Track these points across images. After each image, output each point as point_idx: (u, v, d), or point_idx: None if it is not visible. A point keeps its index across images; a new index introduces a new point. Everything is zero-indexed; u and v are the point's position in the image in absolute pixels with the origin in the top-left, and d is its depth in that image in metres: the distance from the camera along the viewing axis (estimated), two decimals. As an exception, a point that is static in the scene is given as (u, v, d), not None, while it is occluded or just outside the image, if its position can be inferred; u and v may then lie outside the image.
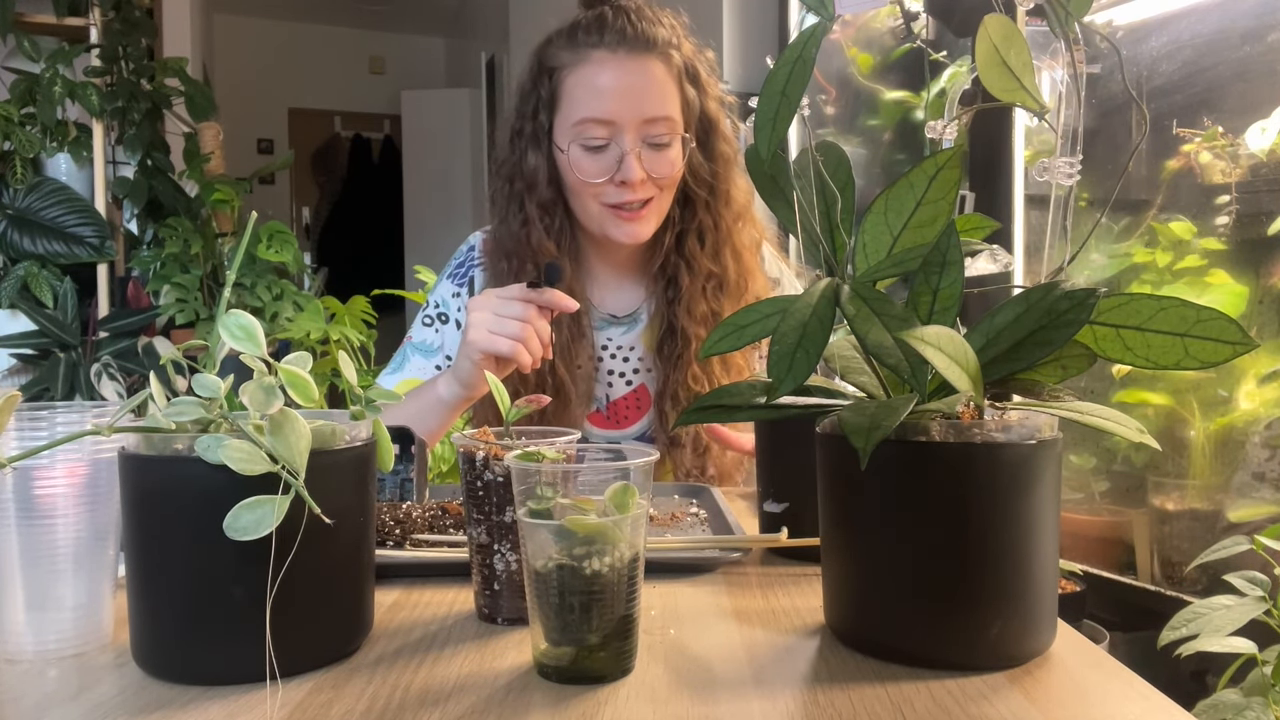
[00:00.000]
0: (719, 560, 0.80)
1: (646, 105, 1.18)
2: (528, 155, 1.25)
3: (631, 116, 1.17)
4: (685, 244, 1.28)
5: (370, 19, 6.78)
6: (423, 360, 1.31)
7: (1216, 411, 1.52)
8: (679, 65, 1.22)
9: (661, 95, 1.19)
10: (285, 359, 0.58)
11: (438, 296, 1.34)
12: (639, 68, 1.18)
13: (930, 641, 0.58)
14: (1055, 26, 0.60)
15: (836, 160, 0.65)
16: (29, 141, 2.78)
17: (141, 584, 0.57)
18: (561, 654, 0.57)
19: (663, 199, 1.24)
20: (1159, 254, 1.60)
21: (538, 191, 1.25)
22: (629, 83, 1.18)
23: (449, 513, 0.88)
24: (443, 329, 1.32)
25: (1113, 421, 0.58)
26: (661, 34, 1.20)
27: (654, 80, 1.19)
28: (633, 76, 1.18)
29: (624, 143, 1.18)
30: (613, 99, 1.18)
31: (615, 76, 1.18)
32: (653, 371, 1.31)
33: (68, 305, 2.78)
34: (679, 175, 1.24)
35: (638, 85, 1.18)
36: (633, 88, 1.18)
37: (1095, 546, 1.70)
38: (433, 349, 1.31)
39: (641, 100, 1.18)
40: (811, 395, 0.66)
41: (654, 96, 1.19)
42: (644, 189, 1.20)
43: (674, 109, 1.20)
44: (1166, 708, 0.53)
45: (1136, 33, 1.65)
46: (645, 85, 1.18)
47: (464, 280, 1.33)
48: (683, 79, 1.22)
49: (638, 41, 1.19)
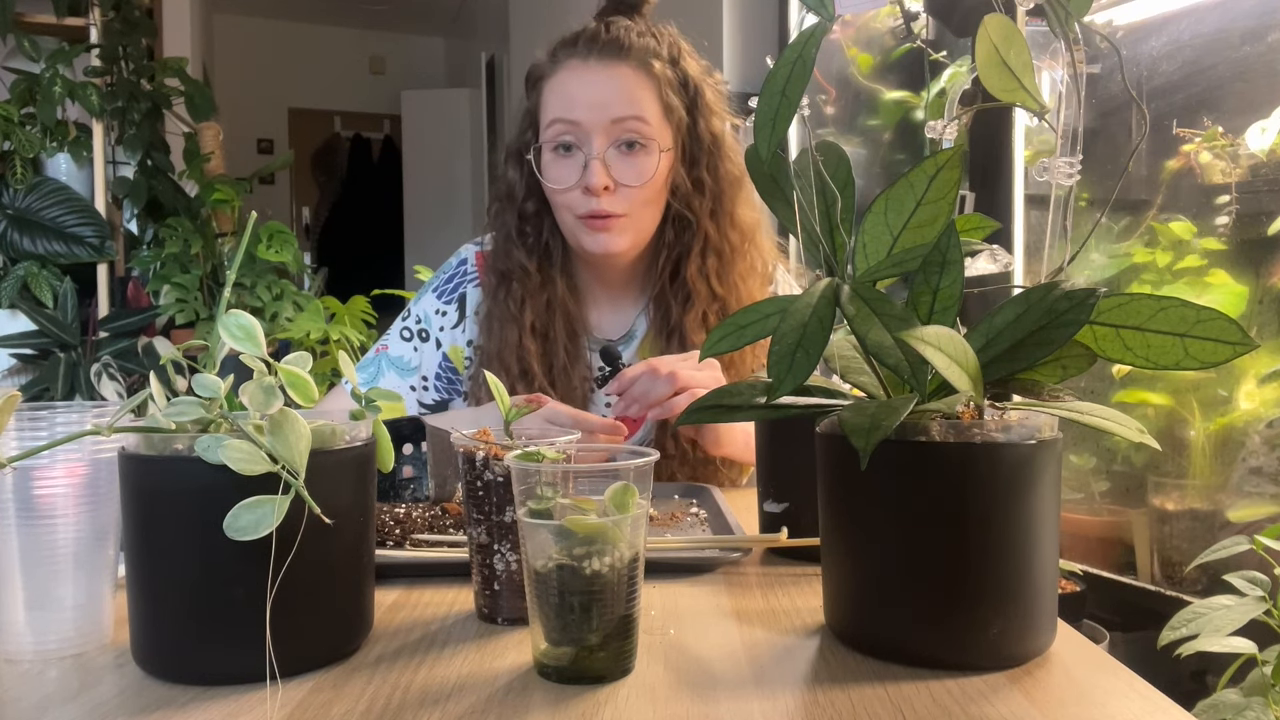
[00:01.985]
0: (719, 560, 0.80)
1: (613, 106, 1.17)
2: (510, 170, 1.26)
3: (598, 118, 1.16)
4: (684, 269, 1.25)
5: (370, 19, 6.78)
6: (398, 378, 1.28)
7: (1216, 411, 1.52)
8: (661, 75, 1.19)
9: (631, 98, 1.17)
10: (285, 359, 0.58)
11: (420, 310, 1.31)
12: (608, 72, 1.18)
13: (930, 641, 0.58)
14: (1055, 26, 0.60)
15: (836, 160, 0.65)
16: (29, 141, 2.78)
17: (141, 584, 0.57)
18: (561, 654, 0.57)
19: (639, 215, 1.20)
20: (1159, 254, 1.60)
21: (519, 207, 1.26)
22: (596, 84, 1.17)
23: (449, 513, 0.88)
24: (422, 347, 1.29)
25: (1113, 421, 0.58)
26: (642, 43, 1.19)
27: (623, 83, 1.18)
28: (600, 77, 1.18)
29: (591, 148, 1.16)
30: (580, 101, 1.17)
31: (583, 81, 1.18)
32: None
33: (68, 305, 2.78)
34: (655, 188, 1.20)
35: (605, 87, 1.17)
36: (599, 89, 1.17)
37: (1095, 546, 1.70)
38: (409, 368, 1.28)
39: (609, 102, 1.17)
40: (811, 395, 0.66)
41: (622, 98, 1.17)
42: (611, 200, 1.17)
43: (647, 112, 1.18)
44: (1166, 708, 0.53)
45: (1136, 33, 1.65)
46: (614, 88, 1.17)
47: (452, 297, 1.30)
48: (665, 88, 1.19)
49: (609, 48, 1.18)
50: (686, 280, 1.25)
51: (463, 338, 1.30)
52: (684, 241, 1.26)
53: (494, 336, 1.25)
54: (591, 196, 1.17)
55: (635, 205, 1.19)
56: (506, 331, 1.23)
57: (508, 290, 1.25)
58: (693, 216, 1.24)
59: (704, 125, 1.23)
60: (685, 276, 1.25)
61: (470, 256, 1.33)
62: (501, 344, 1.23)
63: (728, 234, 1.26)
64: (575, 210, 1.19)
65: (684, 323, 1.24)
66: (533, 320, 1.23)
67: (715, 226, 1.25)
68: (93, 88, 2.84)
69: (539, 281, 1.25)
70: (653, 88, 1.19)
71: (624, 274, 1.29)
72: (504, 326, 1.24)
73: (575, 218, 1.20)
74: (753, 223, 1.28)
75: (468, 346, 1.29)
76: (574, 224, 1.21)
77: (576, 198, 1.18)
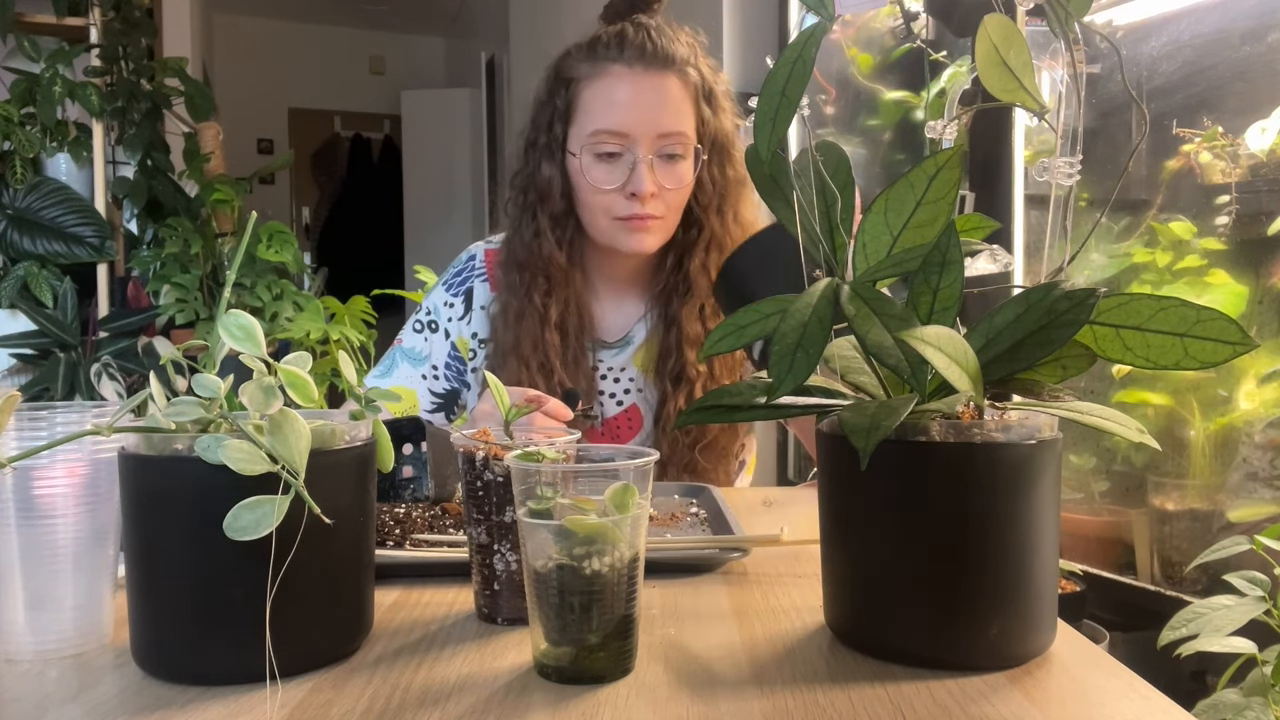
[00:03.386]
0: (719, 560, 0.80)
1: (662, 120, 1.19)
2: (542, 166, 1.26)
3: (646, 130, 1.18)
4: (687, 263, 1.28)
5: (370, 19, 6.78)
6: (410, 368, 1.31)
7: (1216, 411, 1.52)
8: (695, 83, 1.22)
9: (677, 111, 1.20)
10: (285, 359, 0.58)
11: (431, 303, 1.34)
12: (656, 83, 1.19)
13: (930, 641, 0.58)
14: (1055, 26, 0.60)
15: (836, 160, 0.65)
16: (29, 141, 2.78)
17: (141, 584, 0.57)
18: (561, 654, 0.57)
19: (672, 217, 1.24)
20: (1159, 254, 1.60)
21: (551, 203, 1.25)
22: (645, 98, 1.19)
23: (449, 513, 0.88)
24: (431, 338, 1.32)
25: (1113, 421, 0.58)
26: (680, 52, 1.21)
27: (670, 96, 1.20)
28: (649, 92, 1.19)
29: (637, 154, 1.18)
30: (628, 112, 1.19)
31: (632, 91, 1.19)
32: (644, 392, 1.31)
33: (68, 305, 2.78)
34: (688, 191, 1.24)
35: (654, 100, 1.19)
36: (649, 103, 1.19)
37: (1095, 546, 1.70)
38: (421, 357, 1.31)
39: (657, 115, 1.19)
40: (811, 395, 0.66)
41: (669, 112, 1.19)
42: (653, 204, 1.20)
43: (688, 125, 1.21)
44: (1166, 707, 0.53)
45: (1136, 33, 1.65)
46: (661, 101, 1.19)
47: (460, 291, 1.33)
48: (699, 97, 1.23)
49: (656, 58, 1.19)
50: (689, 274, 1.28)
51: (468, 330, 1.32)
52: (689, 237, 1.28)
53: (511, 329, 1.26)
54: (635, 201, 1.19)
55: (671, 208, 1.23)
56: (529, 323, 1.25)
57: (533, 283, 1.26)
58: (700, 210, 1.27)
59: (716, 125, 1.26)
60: (688, 270, 1.28)
61: (479, 254, 1.35)
62: (520, 336, 1.25)
63: (730, 229, 1.28)
64: (615, 212, 1.21)
65: (681, 313, 1.27)
66: (558, 315, 1.25)
67: (720, 222, 1.28)
68: (93, 88, 2.84)
69: (565, 277, 1.27)
70: (691, 99, 1.22)
71: (633, 272, 1.31)
72: (526, 319, 1.25)
73: (613, 219, 1.22)
74: (754, 220, 1.30)
75: (473, 339, 1.32)
76: (611, 225, 1.22)
77: (617, 200, 1.20)
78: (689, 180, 1.22)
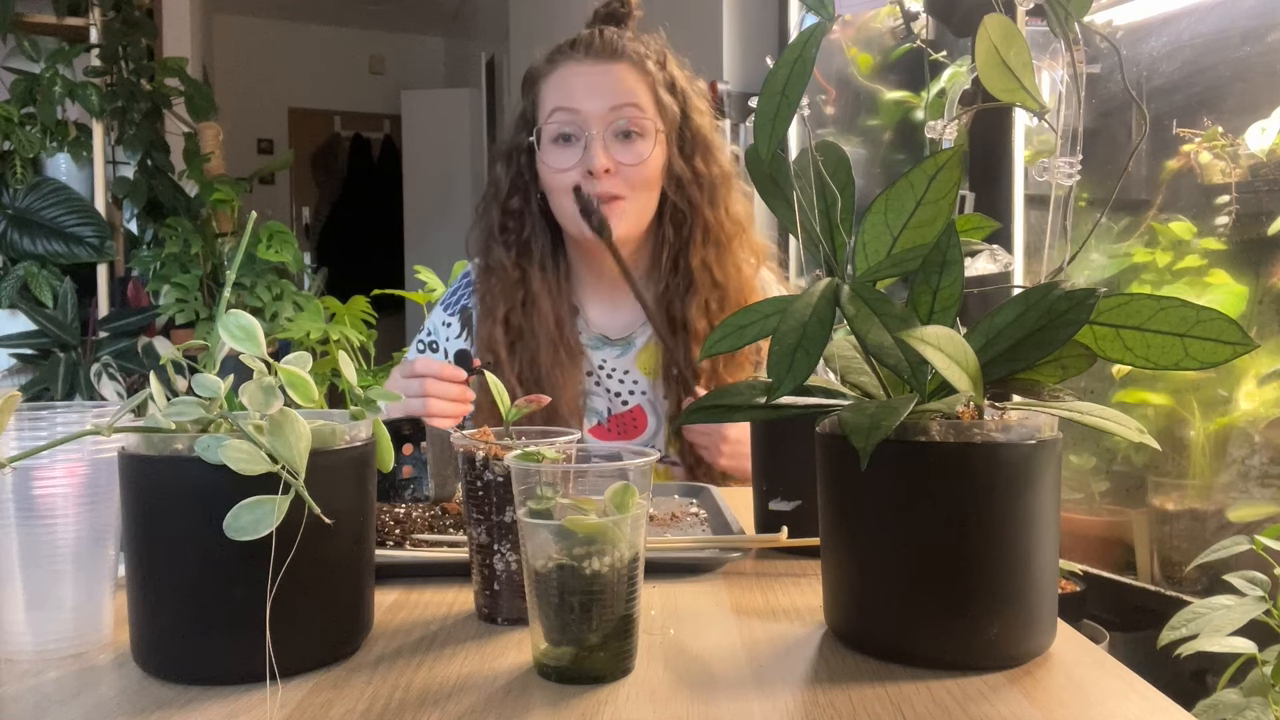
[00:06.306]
0: (719, 560, 0.80)
1: (611, 96, 1.23)
2: (498, 168, 1.33)
3: (596, 106, 1.23)
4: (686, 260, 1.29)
5: (370, 19, 6.78)
6: None
7: (1216, 411, 1.52)
8: (653, 74, 1.26)
9: (627, 89, 1.24)
10: (285, 359, 0.58)
11: (430, 324, 1.39)
12: (606, 69, 1.25)
13: (930, 641, 0.58)
14: (1055, 26, 0.60)
15: (836, 160, 0.65)
16: (29, 141, 2.78)
17: (141, 584, 0.57)
18: (561, 654, 0.57)
19: (638, 199, 1.25)
20: (1159, 254, 1.60)
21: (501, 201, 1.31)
22: (597, 80, 1.24)
23: (449, 513, 0.88)
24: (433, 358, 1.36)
25: (1113, 421, 0.58)
26: (635, 48, 1.26)
27: (621, 78, 1.25)
28: (600, 75, 1.24)
29: (590, 132, 1.22)
30: (579, 92, 1.24)
31: (583, 75, 1.25)
32: (648, 394, 1.32)
33: (68, 305, 2.78)
34: (652, 172, 1.25)
35: (605, 82, 1.24)
36: (600, 84, 1.24)
37: (1095, 546, 1.70)
38: None
39: (606, 93, 1.23)
40: (812, 395, 0.66)
41: (619, 89, 1.24)
42: (611, 181, 1.22)
43: (642, 101, 1.25)
44: (1166, 707, 0.53)
45: (1136, 33, 1.65)
46: (612, 82, 1.24)
47: (455, 310, 1.38)
48: (656, 85, 1.26)
49: (605, 50, 1.26)
50: (690, 270, 1.29)
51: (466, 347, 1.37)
52: (683, 235, 1.30)
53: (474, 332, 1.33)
54: (592, 179, 1.22)
55: (634, 188, 1.25)
56: (481, 325, 1.31)
57: (487, 285, 1.31)
58: (691, 206, 1.29)
59: (695, 123, 1.30)
60: (689, 266, 1.29)
61: (472, 270, 1.39)
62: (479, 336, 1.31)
63: (724, 223, 1.30)
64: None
65: (688, 312, 1.28)
66: (505, 313, 1.29)
67: (714, 214, 1.30)
68: (93, 88, 2.84)
69: (516, 277, 1.30)
70: (646, 83, 1.26)
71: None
72: (483, 321, 1.31)
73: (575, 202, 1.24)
74: (746, 215, 1.33)
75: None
76: (573, 210, 1.24)
77: (576, 181, 1.23)
78: (647, 155, 1.24)
